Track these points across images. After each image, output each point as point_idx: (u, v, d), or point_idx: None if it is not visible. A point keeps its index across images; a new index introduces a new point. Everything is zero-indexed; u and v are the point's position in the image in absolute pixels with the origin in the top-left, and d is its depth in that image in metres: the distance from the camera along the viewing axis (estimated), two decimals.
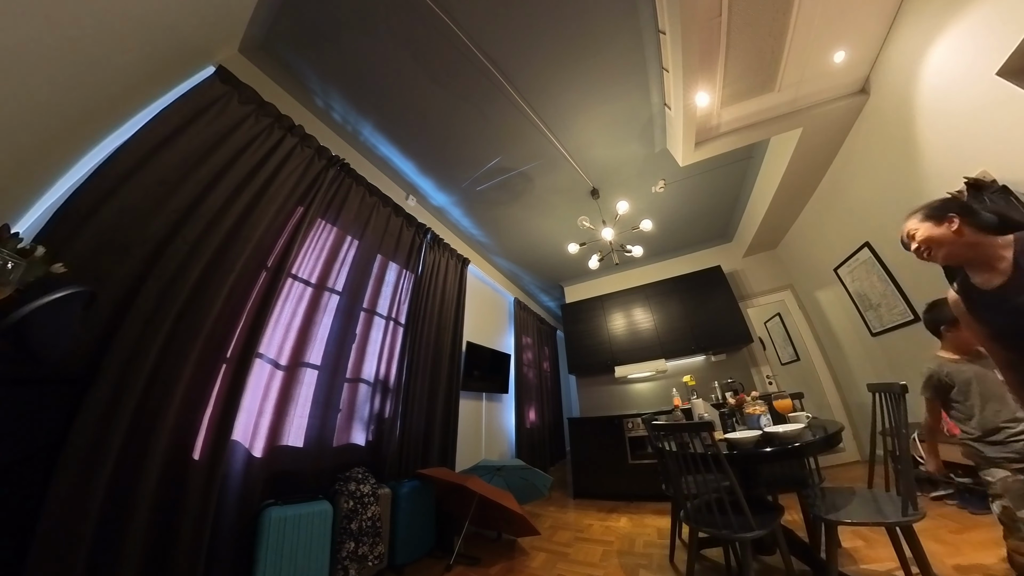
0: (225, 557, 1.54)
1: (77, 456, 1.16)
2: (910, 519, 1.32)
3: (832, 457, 3.70)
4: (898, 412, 1.47)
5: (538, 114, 2.78)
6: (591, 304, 5.29)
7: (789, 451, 1.47)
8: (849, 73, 2.48)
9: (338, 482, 2.03)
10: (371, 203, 2.85)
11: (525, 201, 3.84)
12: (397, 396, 2.72)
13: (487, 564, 2.31)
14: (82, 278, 1.19)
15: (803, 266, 4.22)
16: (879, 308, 3.06)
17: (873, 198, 2.82)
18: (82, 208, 1.38)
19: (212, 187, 1.75)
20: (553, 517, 3.24)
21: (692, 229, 4.72)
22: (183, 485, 1.45)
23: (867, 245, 3.01)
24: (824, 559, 1.44)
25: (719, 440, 1.66)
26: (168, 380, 1.45)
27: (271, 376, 1.97)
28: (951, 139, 2.04)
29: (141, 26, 1.44)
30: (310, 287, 2.27)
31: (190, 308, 1.57)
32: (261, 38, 2.14)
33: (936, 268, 1.14)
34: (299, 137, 2.28)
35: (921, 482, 2.38)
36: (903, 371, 2.87)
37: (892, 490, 1.58)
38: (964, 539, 1.85)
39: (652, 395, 4.76)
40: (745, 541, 1.39)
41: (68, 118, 1.37)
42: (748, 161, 3.55)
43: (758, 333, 4.57)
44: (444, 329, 3.43)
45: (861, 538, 1.99)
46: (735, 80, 2.47)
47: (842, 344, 3.83)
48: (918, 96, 2.18)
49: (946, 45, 1.94)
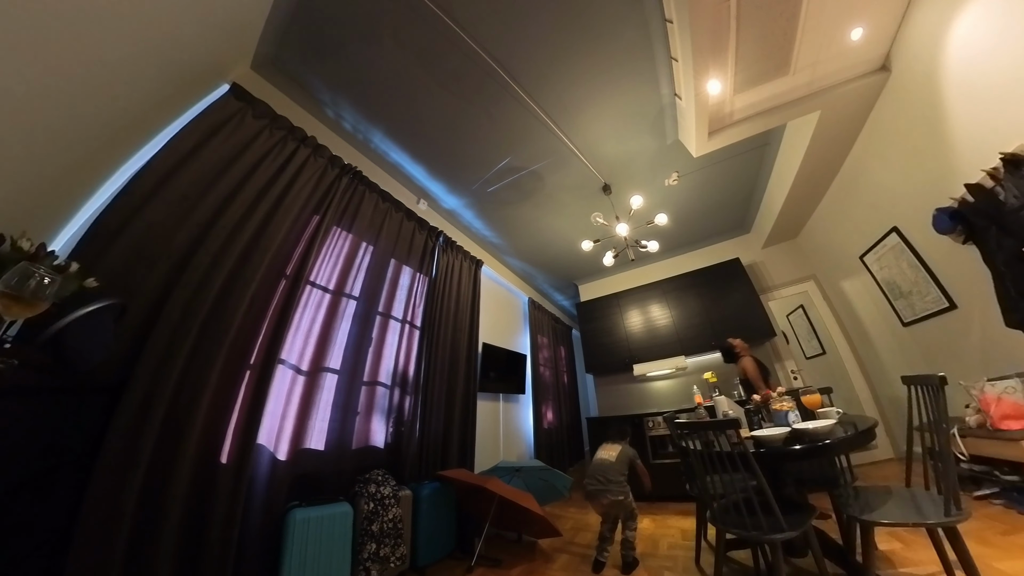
0: (253, 557, 1.59)
1: (112, 461, 1.22)
2: (953, 520, 1.24)
3: (864, 455, 3.54)
4: (937, 406, 1.39)
5: (546, 112, 2.77)
6: (607, 302, 5.23)
7: (820, 448, 1.41)
8: (868, 50, 2.38)
9: (358, 484, 2.07)
10: (384, 209, 2.89)
11: (536, 200, 3.83)
12: (415, 398, 2.75)
13: (508, 566, 2.30)
14: (113, 291, 1.25)
15: (826, 255, 4.06)
16: (910, 296, 2.91)
17: (900, 180, 2.69)
18: (111, 225, 1.45)
19: (231, 200, 1.81)
20: (574, 519, 3.21)
21: (708, 221, 4.61)
22: (212, 488, 1.50)
23: (895, 230, 2.87)
24: (860, 562, 1.38)
25: (745, 438, 1.61)
26: (196, 387, 1.50)
27: (293, 381, 2.02)
28: (983, 113, 1.93)
29: (159, 52, 1.51)
30: (328, 293, 2.32)
31: (214, 317, 1.63)
32: (272, 54, 2.21)
33: (972, 252, 1.07)
34: (312, 148, 2.33)
35: (963, 480, 2.25)
36: (939, 362, 2.72)
37: (932, 489, 1.50)
38: (1013, 541, 1.73)
39: (672, 393, 4.66)
40: (775, 543, 1.34)
41: (95, 142, 1.45)
42: (764, 148, 3.45)
43: (780, 327, 4.42)
44: (459, 331, 3.45)
45: (899, 540, 1.89)
46: (748, 65, 2.40)
47: (871, 336, 3.66)
48: (944, 69, 2.07)
49: (973, 14, 1.83)
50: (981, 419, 2.18)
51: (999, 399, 2.09)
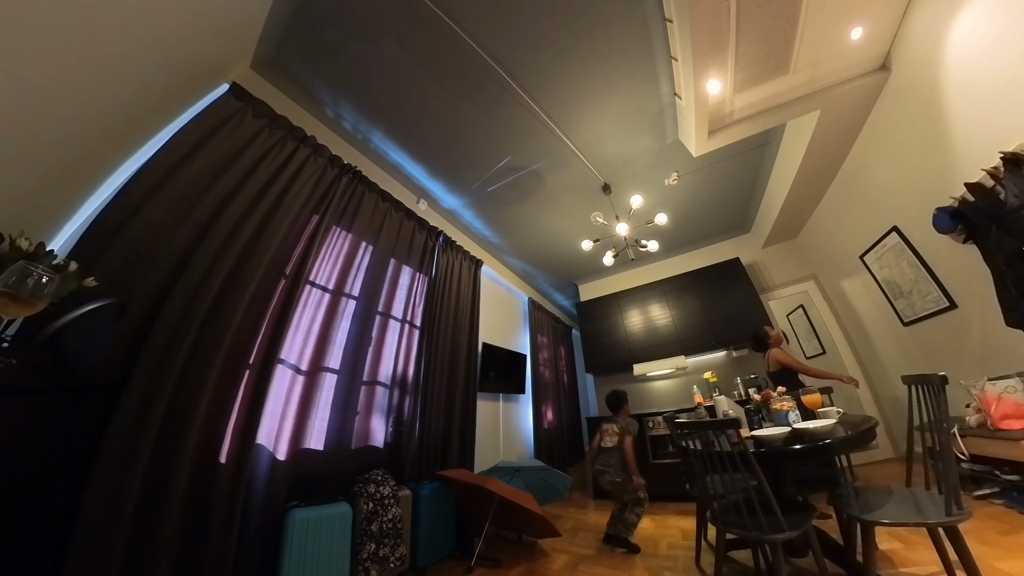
0: (252, 557, 1.58)
1: (111, 460, 1.21)
2: (954, 519, 1.24)
3: (864, 455, 3.54)
4: (938, 405, 1.39)
5: (546, 111, 2.76)
6: (607, 301, 5.23)
7: (821, 448, 1.40)
8: (868, 50, 2.38)
9: (357, 484, 2.06)
10: (384, 209, 2.89)
11: (536, 200, 3.82)
12: (415, 398, 2.75)
13: (508, 566, 2.30)
14: (112, 291, 1.25)
15: (826, 255, 4.06)
16: (910, 296, 2.91)
17: (900, 179, 2.69)
18: (111, 224, 1.44)
19: (231, 199, 1.81)
20: (574, 519, 3.21)
21: (708, 221, 4.61)
22: (211, 487, 1.49)
23: (895, 229, 2.86)
24: (860, 562, 1.37)
25: (746, 438, 1.61)
26: (195, 386, 1.50)
27: (292, 381, 2.02)
28: (983, 112, 1.93)
29: (158, 51, 1.51)
30: (328, 293, 2.31)
31: (214, 317, 1.62)
32: (271, 54, 2.21)
33: (972, 252, 1.07)
34: (312, 147, 2.33)
35: (964, 479, 2.25)
36: (939, 362, 2.72)
37: (933, 488, 1.49)
38: (1014, 540, 1.73)
39: (672, 393, 4.66)
40: (776, 543, 1.33)
41: (94, 141, 1.44)
42: (764, 148, 3.45)
43: (781, 326, 4.41)
44: (459, 330, 3.44)
45: (899, 540, 1.89)
46: (747, 65, 2.40)
47: (871, 335, 3.66)
48: (944, 69, 2.07)
49: (973, 13, 1.83)
50: (982, 419, 2.18)
51: (999, 398, 2.08)
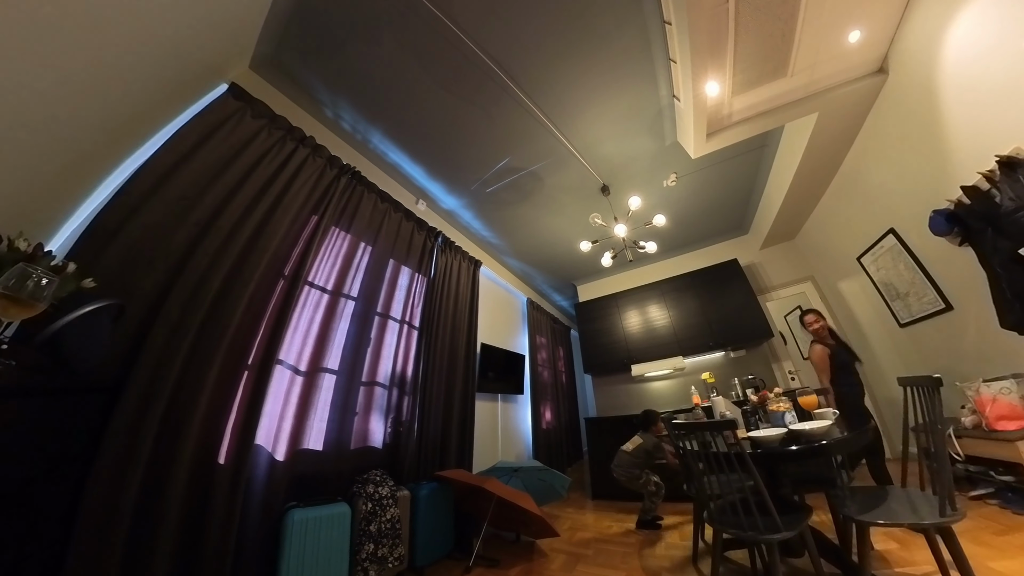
0: (251, 558, 1.58)
1: (110, 461, 1.21)
2: (949, 520, 1.25)
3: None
4: (932, 407, 1.40)
5: (545, 113, 2.77)
6: (605, 302, 5.24)
7: (817, 449, 1.41)
8: (866, 53, 2.39)
9: (356, 484, 2.07)
10: (383, 209, 2.89)
11: (535, 201, 3.83)
12: (414, 398, 2.75)
13: (506, 566, 2.30)
14: (111, 292, 1.25)
15: (824, 256, 4.08)
16: (907, 297, 2.93)
17: (897, 182, 2.70)
18: (109, 225, 1.44)
19: (229, 200, 1.81)
20: (572, 519, 3.21)
21: (707, 222, 4.62)
22: (210, 488, 1.49)
23: (892, 231, 2.88)
24: (856, 562, 1.38)
25: (742, 439, 1.62)
26: (194, 387, 1.50)
27: (291, 382, 2.02)
28: (979, 116, 1.94)
29: (157, 51, 1.50)
30: (326, 294, 2.31)
31: (212, 317, 1.62)
32: (270, 54, 2.20)
33: (968, 254, 1.08)
34: (311, 148, 2.33)
35: (958, 480, 2.26)
36: (935, 363, 2.74)
37: (928, 489, 1.51)
38: (1008, 541, 1.74)
39: (670, 393, 4.67)
40: (772, 543, 1.34)
41: (92, 142, 1.44)
42: (762, 150, 3.46)
43: (778, 327, 4.44)
44: (458, 331, 3.45)
45: (895, 540, 1.90)
46: (746, 67, 2.41)
47: (868, 337, 3.68)
48: (941, 72, 2.08)
49: (969, 17, 1.84)
50: (977, 420, 2.20)
51: (995, 400, 2.10)
